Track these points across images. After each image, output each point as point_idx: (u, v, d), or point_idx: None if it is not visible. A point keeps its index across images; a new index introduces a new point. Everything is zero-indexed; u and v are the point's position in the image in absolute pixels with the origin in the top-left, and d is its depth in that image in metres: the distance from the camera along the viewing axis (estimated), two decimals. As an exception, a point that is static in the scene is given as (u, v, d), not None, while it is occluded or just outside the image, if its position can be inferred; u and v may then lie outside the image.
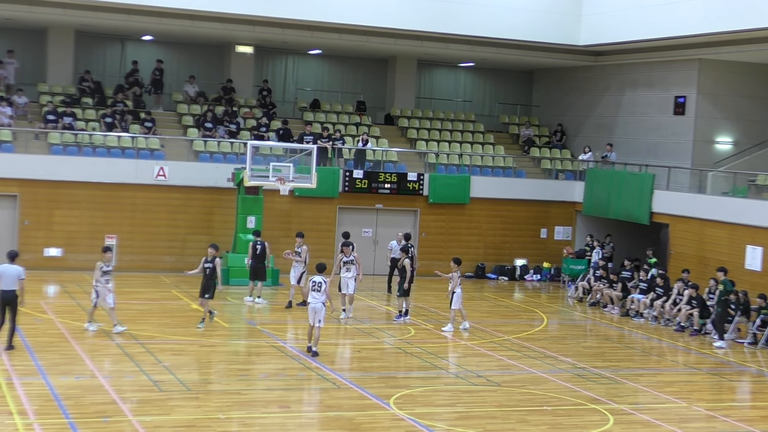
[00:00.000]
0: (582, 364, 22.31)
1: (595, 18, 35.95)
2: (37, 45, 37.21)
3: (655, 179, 33.57)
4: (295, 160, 31.71)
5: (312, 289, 21.41)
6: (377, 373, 20.49)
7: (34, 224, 31.71)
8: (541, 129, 41.85)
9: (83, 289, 28.19)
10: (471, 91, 43.71)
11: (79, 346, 21.16)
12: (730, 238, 30.29)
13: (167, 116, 36.74)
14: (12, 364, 19.15)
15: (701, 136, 35.01)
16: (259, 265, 28.06)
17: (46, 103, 34.31)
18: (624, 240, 35.98)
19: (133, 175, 32.51)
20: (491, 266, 36.53)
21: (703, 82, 34.82)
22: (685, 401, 19.52)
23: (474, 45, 36.47)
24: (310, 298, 21.50)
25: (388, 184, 34.91)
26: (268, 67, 40.54)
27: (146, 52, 38.85)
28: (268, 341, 22.85)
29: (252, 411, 17.08)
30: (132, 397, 17.39)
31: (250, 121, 36.76)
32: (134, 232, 32.52)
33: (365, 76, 41.96)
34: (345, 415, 17.07)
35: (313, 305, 21.41)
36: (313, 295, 21.38)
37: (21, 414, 15.88)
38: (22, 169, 31.50)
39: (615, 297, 30.33)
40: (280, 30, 34.51)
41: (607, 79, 38.78)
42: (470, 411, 17.74)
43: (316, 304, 21.35)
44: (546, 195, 37.15)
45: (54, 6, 31.97)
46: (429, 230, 35.54)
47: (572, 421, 17.56)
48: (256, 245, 28.23)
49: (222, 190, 32.89)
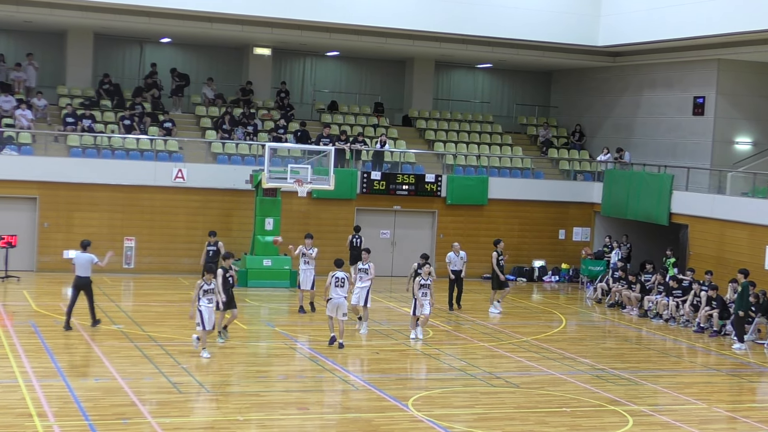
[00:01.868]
0: (601, 366, 22.24)
1: (613, 18, 35.85)
2: (56, 48, 37.39)
3: (674, 180, 33.45)
4: (312, 162, 31.73)
5: (336, 285, 22.29)
6: (395, 375, 20.48)
7: (53, 226, 31.84)
8: (559, 130, 41.78)
9: (102, 292, 28.29)
10: (489, 92, 43.65)
11: (99, 348, 21.23)
12: (749, 239, 30.15)
13: (186, 118, 36.83)
14: (31, 366, 19.23)
15: (720, 137, 34.87)
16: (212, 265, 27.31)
17: (66, 106, 34.44)
18: (642, 241, 35.89)
19: (152, 177, 32.60)
20: (509, 267, 36.41)
21: (722, 83, 34.68)
22: (705, 402, 19.44)
23: (492, 46, 36.43)
24: (333, 294, 22.29)
25: (405, 185, 34.90)
26: (286, 69, 40.60)
27: (165, 54, 38.97)
28: (287, 343, 22.87)
29: (271, 413, 17.09)
30: (151, 399, 17.43)
31: (268, 122, 36.82)
32: (153, 234, 32.61)
33: (383, 78, 41.97)
34: (363, 416, 17.07)
35: (336, 300, 22.28)
36: (337, 291, 22.28)
37: (41, 416, 15.93)
38: (42, 172, 31.64)
39: (634, 298, 30.24)
40: (298, 32, 34.56)
41: (626, 80, 38.67)
42: (489, 412, 17.71)
43: (339, 299, 22.25)
44: (564, 196, 37.07)
45: (73, 9, 32.10)
46: (447, 232, 35.49)
47: (591, 422, 17.52)
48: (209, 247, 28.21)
49: (240, 192, 32.95)
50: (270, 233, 31.33)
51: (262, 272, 31.06)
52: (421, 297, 23.87)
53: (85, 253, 23.12)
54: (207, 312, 20.69)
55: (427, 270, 24.33)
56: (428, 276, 24.22)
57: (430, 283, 24.16)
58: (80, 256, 23.17)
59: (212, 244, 28.02)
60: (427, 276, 24.19)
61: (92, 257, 23.09)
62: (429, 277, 24.22)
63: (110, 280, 30.68)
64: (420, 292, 23.89)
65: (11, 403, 16.63)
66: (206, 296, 20.74)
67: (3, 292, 27.93)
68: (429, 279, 24.18)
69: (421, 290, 23.92)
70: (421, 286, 23.95)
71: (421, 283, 23.98)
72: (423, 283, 23.99)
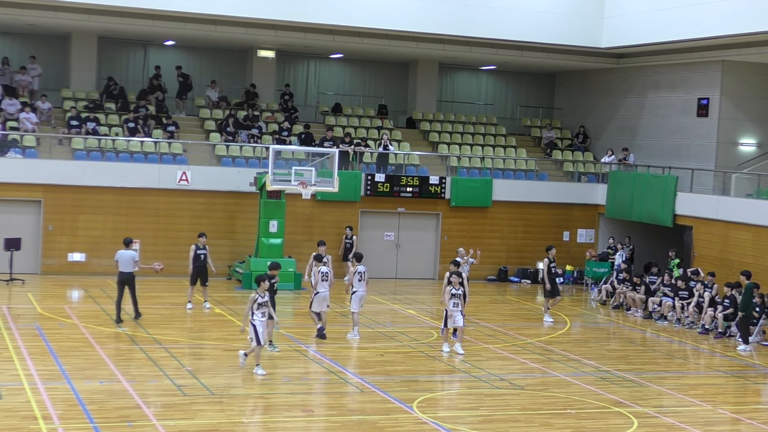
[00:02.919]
0: (605, 367, 22.24)
1: (617, 20, 35.83)
2: (60, 51, 37.44)
3: (679, 181, 33.44)
4: (316, 164, 31.75)
5: (360, 280, 23.83)
6: (400, 377, 20.48)
7: (57, 229, 31.87)
8: (563, 132, 41.77)
9: (107, 294, 28.33)
10: (493, 94, 43.64)
11: (103, 350, 21.24)
12: (754, 240, 30.13)
13: (190, 121, 36.87)
14: (36, 368, 19.25)
15: (724, 138, 34.83)
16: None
17: (70, 109, 34.48)
18: (647, 242, 35.88)
19: (156, 180, 32.63)
20: (514, 269, 36.47)
21: (727, 84, 34.66)
22: (710, 404, 19.42)
23: (496, 48, 36.43)
24: (359, 287, 23.81)
25: (410, 187, 34.89)
26: (289, 72, 40.62)
27: (169, 57, 38.99)
28: (291, 345, 22.87)
29: (275, 415, 17.11)
30: (156, 402, 17.44)
31: (272, 125, 36.83)
32: (157, 236, 32.63)
33: (387, 80, 41.98)
34: (368, 419, 17.07)
35: (361, 293, 23.94)
36: (361, 285, 23.90)
37: (45, 419, 15.95)
38: (46, 175, 31.67)
39: (638, 299, 30.23)
40: (302, 34, 34.59)
41: (630, 82, 38.65)
42: (493, 414, 17.71)
43: (363, 292, 24.00)
44: (568, 198, 37.07)
45: (77, 12, 32.14)
46: (451, 234, 35.49)
47: (596, 424, 17.51)
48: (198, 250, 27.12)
49: (244, 194, 32.97)
50: (274, 235, 31.36)
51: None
52: (452, 308, 22.73)
53: (128, 251, 24.75)
54: (261, 326, 19.76)
55: (457, 279, 22.99)
56: (459, 286, 22.99)
57: (462, 293, 23.07)
58: (123, 254, 24.65)
59: (202, 247, 27.02)
60: (459, 286, 22.96)
61: (134, 254, 24.80)
62: (461, 287, 23.05)
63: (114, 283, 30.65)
64: (451, 302, 22.71)
65: (16, 406, 16.65)
66: (260, 310, 19.78)
67: (8, 295, 27.97)
68: (461, 288, 23.03)
69: (452, 300, 22.73)
70: (452, 296, 22.75)
71: (452, 292, 22.77)
72: (454, 293, 22.79)
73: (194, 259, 26.83)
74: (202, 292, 27.15)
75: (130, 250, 24.90)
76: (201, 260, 26.88)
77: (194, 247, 26.99)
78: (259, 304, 19.77)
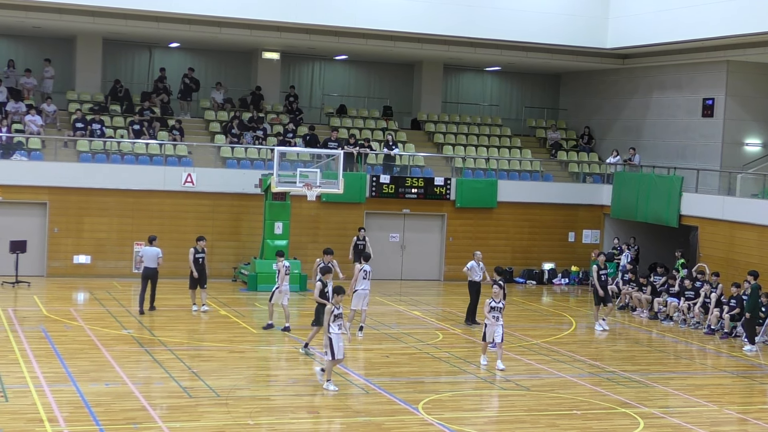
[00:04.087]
0: (611, 368, 22.22)
1: (622, 21, 35.81)
2: (65, 53, 37.46)
3: (684, 182, 33.41)
4: (321, 166, 31.76)
5: (364, 278, 24.28)
6: (406, 378, 20.47)
7: (63, 231, 31.91)
8: (568, 132, 41.74)
9: (112, 296, 28.37)
10: (498, 95, 43.63)
11: (109, 353, 21.26)
12: (759, 240, 30.10)
13: (195, 123, 36.90)
14: (42, 371, 19.27)
15: (730, 138, 34.80)
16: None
17: (75, 111, 34.50)
18: (652, 243, 35.85)
19: (161, 182, 32.66)
20: (519, 270, 36.45)
21: (732, 84, 34.62)
22: (716, 405, 19.40)
23: (501, 49, 36.41)
24: (365, 285, 24.30)
25: (415, 188, 34.89)
26: (294, 73, 40.63)
27: (174, 59, 39.04)
28: (297, 347, 22.86)
29: (281, 417, 17.10)
30: (161, 404, 17.45)
31: (277, 127, 36.85)
32: (162, 238, 32.42)
33: (391, 81, 41.98)
34: (374, 420, 17.07)
35: (366, 291, 24.39)
36: (365, 284, 24.30)
37: (51, 421, 15.96)
38: (52, 177, 31.71)
39: (644, 300, 30.19)
40: (307, 36, 34.60)
41: (635, 82, 38.62)
42: (499, 415, 17.70)
43: (366, 291, 24.38)
44: (574, 198, 37.06)
45: (83, 14, 32.17)
46: (456, 235, 35.50)
47: (602, 425, 17.49)
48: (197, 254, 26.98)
49: (249, 196, 32.98)
50: (279, 237, 31.37)
51: (271, 276, 30.98)
52: (492, 321, 21.43)
53: (152, 247, 26.23)
54: (337, 340, 18.87)
55: (497, 291, 21.63)
56: (499, 299, 21.67)
57: (503, 307, 21.71)
58: (148, 250, 26.28)
59: (201, 250, 26.99)
60: (499, 299, 21.65)
61: (158, 251, 26.21)
62: (501, 300, 21.70)
63: (120, 285, 30.75)
64: (491, 315, 21.42)
65: (22, 408, 16.66)
66: (336, 322, 18.90)
67: (14, 298, 28.00)
68: (501, 301, 21.71)
69: (492, 313, 21.41)
70: (492, 309, 21.44)
71: (491, 305, 21.47)
72: (493, 306, 21.47)
73: (194, 263, 26.76)
74: (200, 295, 27.07)
75: (154, 247, 26.26)
76: (200, 264, 26.83)
77: (193, 251, 26.92)
78: (335, 315, 18.91)
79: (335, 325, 18.84)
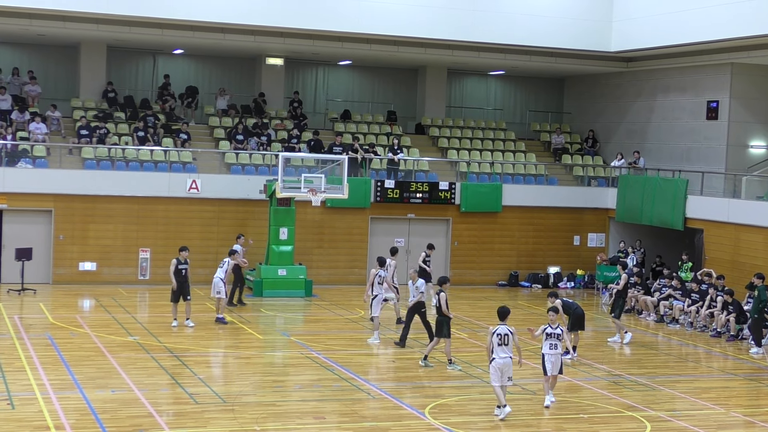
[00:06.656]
0: (618, 371, 22.19)
1: (625, 24, 35.80)
2: (69, 60, 37.52)
3: (689, 184, 33.39)
4: (326, 171, 31.76)
5: (378, 283, 24.38)
6: (412, 383, 20.46)
7: (68, 238, 31.94)
8: (572, 136, 41.72)
9: (118, 303, 28.38)
10: (502, 99, 43.63)
11: (115, 359, 21.27)
12: (765, 243, 30.06)
13: (199, 129, 36.92)
14: (48, 378, 19.28)
15: (734, 141, 34.77)
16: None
17: (80, 118, 34.55)
18: (658, 246, 35.80)
19: (166, 188, 32.68)
20: (524, 274, 36.42)
21: (736, 86, 34.60)
22: (723, 407, 19.37)
23: (505, 53, 36.40)
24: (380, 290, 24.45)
25: (419, 193, 34.89)
26: (298, 79, 40.65)
27: (177, 65, 39.08)
28: (303, 352, 22.87)
29: (287, 422, 17.10)
30: (168, 410, 17.46)
31: (282, 132, 36.87)
32: (168, 245, 32.61)
33: (395, 86, 41.98)
34: (380, 425, 17.06)
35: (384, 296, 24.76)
36: (380, 288, 24.45)
37: (58, 428, 15.97)
38: (57, 184, 31.75)
39: (650, 303, 30.16)
40: (311, 41, 34.61)
41: (639, 85, 38.61)
42: (506, 419, 17.67)
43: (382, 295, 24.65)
44: (578, 202, 37.03)
45: (86, 21, 32.20)
46: (461, 239, 35.49)
47: (609, 428, 17.47)
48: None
49: (254, 202, 33.00)
50: (285, 243, 31.38)
51: (277, 282, 31.12)
52: (548, 350, 18.47)
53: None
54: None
55: (556, 317, 18.65)
56: (557, 324, 18.53)
57: (561, 333, 18.57)
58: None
59: (184, 261, 25.71)
60: (556, 324, 18.51)
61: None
62: (558, 325, 18.56)
63: (125, 292, 30.77)
64: (547, 344, 18.47)
65: (28, 415, 16.68)
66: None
67: (20, 305, 28.03)
68: (559, 327, 18.52)
69: (547, 341, 18.46)
70: (547, 336, 18.45)
71: (547, 332, 18.46)
72: (549, 332, 18.45)
73: (175, 274, 25.40)
74: (185, 309, 25.70)
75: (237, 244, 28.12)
76: (182, 275, 25.50)
77: (175, 262, 25.55)
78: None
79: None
